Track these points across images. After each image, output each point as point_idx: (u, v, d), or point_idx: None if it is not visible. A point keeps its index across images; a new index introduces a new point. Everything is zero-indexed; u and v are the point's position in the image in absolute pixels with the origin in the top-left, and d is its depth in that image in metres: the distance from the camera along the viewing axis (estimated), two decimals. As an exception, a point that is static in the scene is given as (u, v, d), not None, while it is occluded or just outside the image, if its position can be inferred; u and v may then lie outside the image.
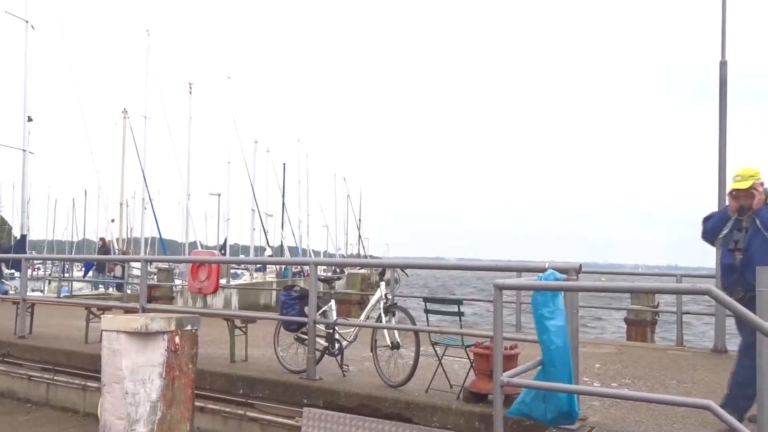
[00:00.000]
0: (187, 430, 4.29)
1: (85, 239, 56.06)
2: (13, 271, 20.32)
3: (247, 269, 36.50)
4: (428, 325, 5.59)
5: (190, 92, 36.92)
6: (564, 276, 4.20)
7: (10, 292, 16.49)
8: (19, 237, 23.24)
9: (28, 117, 22.51)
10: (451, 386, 5.27)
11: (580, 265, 4.42)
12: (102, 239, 21.22)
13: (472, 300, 15.34)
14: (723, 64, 7.97)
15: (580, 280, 4.46)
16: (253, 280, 35.06)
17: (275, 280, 35.39)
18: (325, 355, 6.10)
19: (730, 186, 4.88)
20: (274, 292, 27.80)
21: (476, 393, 4.88)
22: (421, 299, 6.00)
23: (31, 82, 22.73)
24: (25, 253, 18.32)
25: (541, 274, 4.15)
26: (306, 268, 33.17)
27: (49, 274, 22.17)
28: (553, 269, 4.23)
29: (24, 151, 22.35)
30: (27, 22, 22.73)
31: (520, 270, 6.38)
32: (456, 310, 5.40)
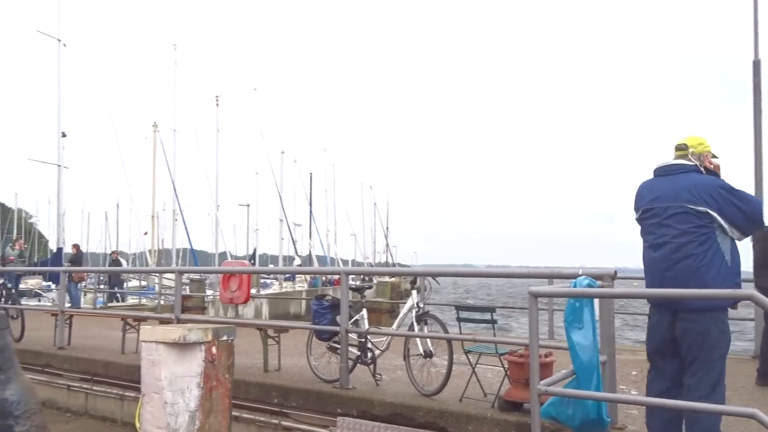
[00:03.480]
0: (225, 439, 4.33)
1: (119, 251, 57.08)
2: (50, 283, 20.77)
3: (276, 279, 36.77)
4: (461, 333, 5.58)
5: (217, 105, 37.49)
6: (599, 283, 4.15)
7: (48, 304, 16.86)
8: (55, 250, 23.80)
9: (62, 133, 23.09)
10: (485, 395, 5.24)
11: (615, 271, 4.36)
12: (75, 246, 20.72)
13: (505, 307, 15.22)
14: (756, 63, 7.80)
15: (615, 286, 4.41)
16: (283, 290, 35.30)
17: (305, 289, 35.58)
18: (358, 364, 6.11)
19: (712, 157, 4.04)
20: (303, 302, 27.96)
21: (511, 402, 4.84)
22: (453, 307, 5.98)
23: (64, 99, 23.36)
24: (62, 265, 18.71)
25: (573, 281, 4.10)
26: (335, 276, 33.38)
27: (85, 286, 22.57)
28: (587, 275, 4.19)
29: (59, 166, 22.91)
30: (59, 40, 23.35)
31: (551, 277, 6.33)
32: (489, 317, 5.38)
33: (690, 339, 3.72)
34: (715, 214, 3.70)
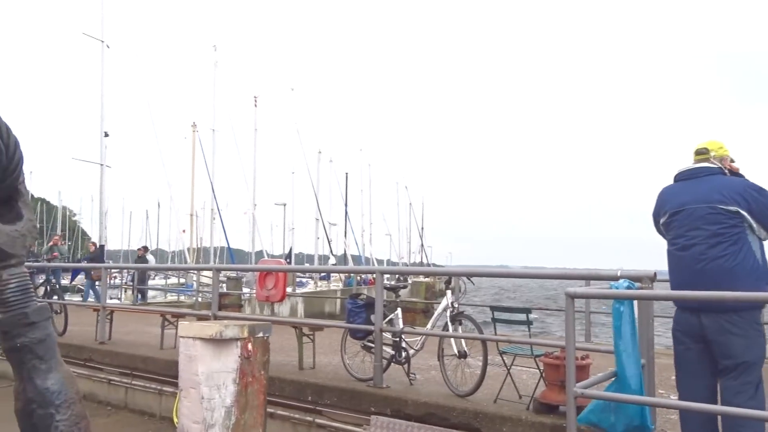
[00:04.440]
0: (260, 435, 4.38)
1: (159, 249, 58.36)
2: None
3: (311, 278, 37.06)
4: (496, 334, 5.53)
5: (255, 105, 38.05)
6: (637, 284, 4.08)
7: (90, 299, 17.26)
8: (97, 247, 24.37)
9: (105, 132, 23.63)
10: (520, 396, 5.19)
11: (655, 273, 4.27)
12: (93, 244, 20.83)
13: (541, 309, 15.06)
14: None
15: (655, 288, 4.31)
16: (318, 289, 35.55)
17: (340, 288, 35.77)
18: (392, 364, 6.11)
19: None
20: (338, 301, 28.10)
21: (547, 404, 4.78)
22: (488, 308, 5.94)
23: (107, 99, 23.92)
24: (103, 262, 19.13)
25: (613, 283, 4.04)
26: (370, 276, 33.46)
27: (125, 283, 23.07)
28: (625, 277, 4.11)
29: (101, 165, 23.46)
30: (103, 42, 23.91)
31: (589, 278, 6.22)
32: (524, 318, 5.32)
33: (727, 340, 3.67)
34: (745, 214, 3.70)
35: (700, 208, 3.81)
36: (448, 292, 6.02)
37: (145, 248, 22.00)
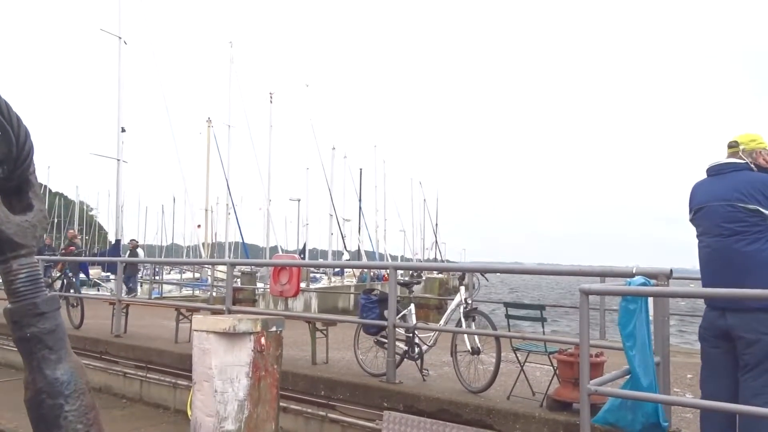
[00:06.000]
0: (273, 429, 4.39)
1: (174, 244, 58.82)
2: (108, 273, 21.48)
3: (325, 273, 37.17)
4: (509, 331, 5.51)
5: (271, 101, 38.20)
6: (653, 281, 4.04)
7: (107, 294, 17.44)
8: (113, 242, 24.64)
9: (122, 128, 23.84)
10: (533, 393, 5.16)
11: (671, 270, 4.23)
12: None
13: (555, 306, 14.98)
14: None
15: (670, 286, 4.27)
16: (332, 284, 35.64)
17: (353, 283, 35.84)
18: (405, 359, 6.11)
19: None
20: (352, 296, 28.18)
21: (560, 401, 4.76)
22: (502, 304, 5.92)
23: (124, 95, 24.13)
24: (119, 256, 19.32)
25: (629, 279, 4.01)
26: (383, 272, 33.51)
27: (141, 277, 23.26)
28: (641, 274, 4.08)
29: (118, 160, 23.67)
30: (120, 38, 24.11)
31: (604, 275, 6.18)
32: (538, 315, 5.30)
33: (752, 338, 3.57)
34: (766, 212, 3.60)
35: (720, 207, 3.73)
36: (462, 288, 6.01)
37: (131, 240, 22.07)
